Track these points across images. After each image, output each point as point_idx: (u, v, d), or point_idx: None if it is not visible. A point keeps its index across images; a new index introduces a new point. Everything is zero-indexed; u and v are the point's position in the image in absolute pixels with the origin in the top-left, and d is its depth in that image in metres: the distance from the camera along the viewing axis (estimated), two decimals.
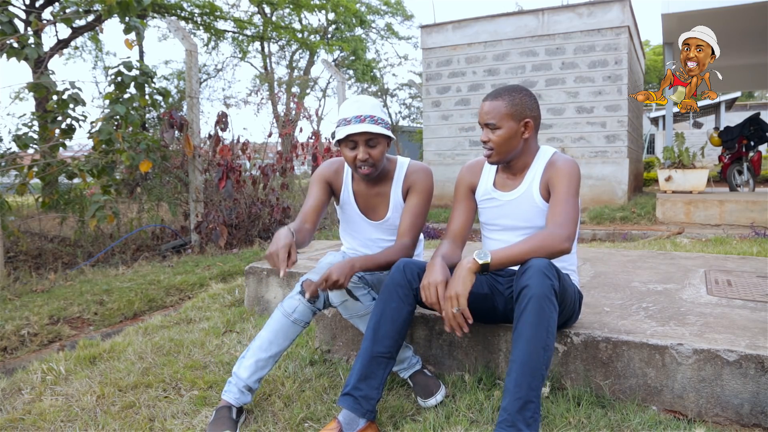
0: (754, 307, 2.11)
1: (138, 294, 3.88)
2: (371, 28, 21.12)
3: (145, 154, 5.05)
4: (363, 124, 1.90)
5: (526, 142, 1.84)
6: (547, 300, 1.53)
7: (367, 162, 1.93)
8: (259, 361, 1.87)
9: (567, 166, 1.80)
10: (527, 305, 1.53)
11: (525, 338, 1.51)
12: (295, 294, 1.90)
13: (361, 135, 1.91)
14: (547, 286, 1.54)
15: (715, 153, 14.26)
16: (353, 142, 1.92)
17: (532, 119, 1.83)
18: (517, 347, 1.52)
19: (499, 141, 1.80)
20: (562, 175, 1.78)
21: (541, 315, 1.52)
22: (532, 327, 1.51)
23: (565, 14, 8.28)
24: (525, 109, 1.81)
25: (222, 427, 1.73)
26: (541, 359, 1.50)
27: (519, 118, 1.80)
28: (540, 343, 1.51)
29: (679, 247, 4.50)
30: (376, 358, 1.71)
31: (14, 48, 4.45)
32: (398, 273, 1.77)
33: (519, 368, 1.49)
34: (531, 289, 1.53)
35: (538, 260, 1.59)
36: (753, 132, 8.23)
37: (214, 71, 19.62)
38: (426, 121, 9.51)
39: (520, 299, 1.56)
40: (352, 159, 1.94)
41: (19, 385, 2.24)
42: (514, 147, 1.82)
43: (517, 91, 1.82)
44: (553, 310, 1.55)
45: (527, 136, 1.83)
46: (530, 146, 1.87)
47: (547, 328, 1.52)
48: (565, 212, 1.71)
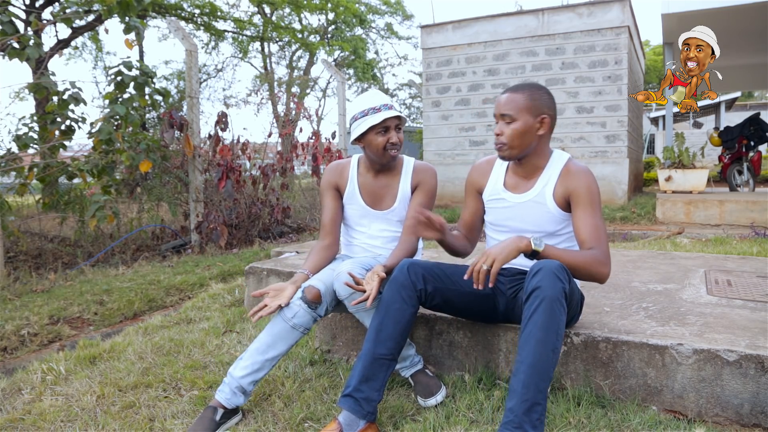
0: (754, 307, 2.11)
1: (138, 294, 3.88)
2: (371, 28, 21.13)
3: (145, 154, 5.05)
4: (393, 110, 2.03)
5: (540, 140, 1.82)
6: (558, 302, 1.53)
7: (396, 145, 2.05)
8: (255, 364, 1.86)
9: (587, 177, 1.80)
10: (538, 307, 1.52)
11: (535, 340, 1.50)
12: (296, 299, 1.90)
13: (394, 119, 2.04)
14: (558, 288, 1.53)
15: (715, 153, 14.26)
16: (385, 128, 2.03)
17: (550, 117, 1.81)
18: (525, 348, 1.51)
19: (513, 135, 1.79)
20: (585, 189, 1.78)
21: (551, 317, 1.51)
22: (542, 329, 1.51)
23: (565, 14, 8.28)
24: (543, 106, 1.80)
25: (199, 428, 1.75)
26: (549, 361, 1.50)
27: (536, 113, 1.79)
28: (549, 345, 1.50)
29: (679, 247, 4.50)
30: (378, 360, 1.70)
31: (15, 48, 4.45)
32: (402, 274, 1.76)
33: (527, 369, 1.48)
34: (543, 291, 1.53)
35: (550, 262, 1.59)
36: (753, 132, 8.23)
37: (214, 71, 19.63)
38: (426, 121, 9.51)
39: (531, 300, 1.55)
40: (383, 144, 2.03)
41: (19, 385, 2.24)
42: (527, 143, 1.80)
43: (538, 88, 1.83)
44: (562, 313, 1.54)
45: (542, 133, 1.81)
46: (543, 146, 1.85)
47: (557, 330, 1.52)
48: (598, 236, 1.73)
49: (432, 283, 1.78)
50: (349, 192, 2.17)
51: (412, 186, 2.13)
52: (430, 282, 1.78)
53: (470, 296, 1.85)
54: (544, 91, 1.82)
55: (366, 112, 2.03)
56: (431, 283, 1.78)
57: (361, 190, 2.17)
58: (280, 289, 1.93)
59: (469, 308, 1.90)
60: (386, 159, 2.07)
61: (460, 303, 1.86)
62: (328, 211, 2.19)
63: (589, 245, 1.71)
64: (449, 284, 1.82)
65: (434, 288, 1.79)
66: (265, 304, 1.88)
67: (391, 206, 2.14)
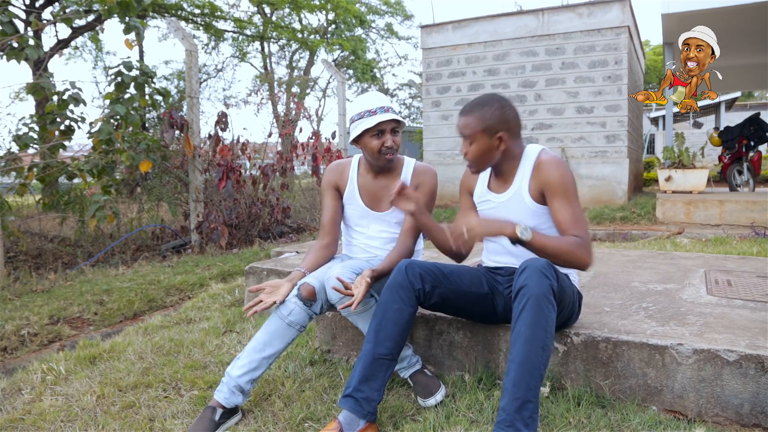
0: (754, 307, 2.11)
1: (138, 294, 3.88)
2: (371, 28, 21.13)
3: (145, 154, 5.05)
4: (389, 113, 2.01)
5: (505, 151, 1.84)
6: (546, 300, 1.53)
7: (391, 149, 2.04)
8: (252, 362, 1.86)
9: (558, 168, 1.79)
10: (526, 305, 1.53)
11: (523, 338, 1.51)
12: (292, 297, 1.91)
13: (389, 123, 2.02)
14: (545, 285, 1.54)
15: (715, 153, 14.26)
16: (380, 131, 2.01)
17: (506, 131, 1.80)
18: (515, 347, 1.52)
19: (475, 154, 1.83)
20: (557, 180, 1.78)
21: (539, 314, 1.52)
22: (530, 326, 1.51)
23: (565, 14, 8.27)
24: (496, 123, 1.79)
25: (199, 428, 1.75)
26: (539, 359, 1.51)
27: (491, 132, 1.79)
28: (539, 342, 1.51)
29: (679, 247, 4.50)
30: (377, 360, 1.71)
31: (14, 49, 4.45)
32: (400, 274, 1.77)
33: (517, 368, 1.49)
34: (530, 289, 1.54)
35: (536, 260, 1.60)
36: (753, 132, 8.23)
37: (214, 71, 19.63)
38: (426, 121, 9.51)
39: (518, 298, 1.56)
40: (378, 147, 2.03)
41: (19, 385, 2.24)
42: (491, 159, 1.84)
43: (489, 105, 1.80)
44: (551, 310, 1.55)
45: (503, 147, 1.82)
46: (512, 152, 1.86)
47: (546, 327, 1.53)
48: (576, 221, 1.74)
49: (430, 283, 1.79)
50: (349, 192, 2.18)
51: (413, 188, 2.13)
52: (428, 282, 1.78)
53: (469, 296, 1.86)
54: (497, 106, 1.80)
55: (362, 114, 2.03)
56: (429, 283, 1.78)
57: (361, 190, 2.17)
58: (276, 285, 1.95)
59: (467, 308, 1.90)
60: (381, 162, 2.07)
61: (459, 303, 1.86)
62: (328, 210, 2.20)
63: (571, 234, 1.74)
64: (447, 284, 1.82)
65: (432, 287, 1.79)
66: (261, 300, 1.89)
67: (390, 208, 2.13)
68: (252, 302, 1.89)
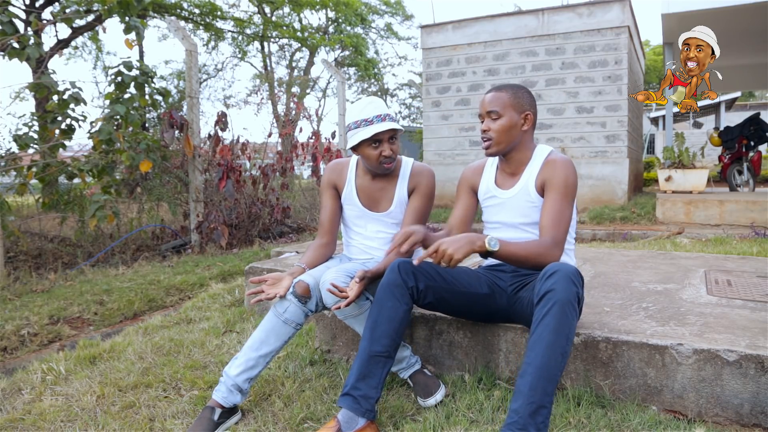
0: (754, 307, 2.11)
1: (138, 294, 3.88)
2: (371, 27, 21.13)
3: (145, 154, 5.05)
4: (385, 122, 2.00)
5: (524, 135, 1.92)
6: (571, 306, 1.53)
7: (390, 158, 2.03)
8: (249, 360, 1.87)
9: (564, 167, 1.85)
10: (550, 309, 1.52)
11: (545, 343, 1.50)
12: (289, 294, 1.91)
13: (386, 132, 2.00)
14: (572, 292, 1.54)
15: (715, 153, 14.27)
16: (378, 141, 2.00)
17: (532, 114, 1.92)
18: (534, 350, 1.51)
19: (499, 130, 1.87)
20: (559, 177, 1.83)
21: (563, 321, 1.51)
22: (553, 332, 1.50)
23: (565, 14, 8.27)
24: (526, 104, 1.91)
25: (198, 428, 1.75)
26: (558, 365, 1.50)
27: (520, 110, 1.89)
28: (559, 348, 1.50)
29: (679, 247, 4.50)
30: (374, 358, 1.71)
31: (15, 48, 4.45)
32: (393, 273, 1.78)
33: (535, 371, 1.48)
34: (556, 294, 1.53)
35: (565, 265, 1.59)
36: (753, 132, 8.23)
37: (214, 71, 19.63)
38: (426, 121, 9.51)
39: (543, 302, 1.55)
40: (376, 156, 2.02)
41: (19, 385, 2.24)
42: (513, 138, 1.89)
43: (519, 87, 1.93)
44: (574, 317, 1.55)
45: (526, 128, 1.91)
46: (527, 142, 1.94)
47: (567, 334, 1.52)
48: (558, 221, 1.78)
49: (424, 281, 1.79)
50: (347, 193, 2.18)
51: (409, 189, 2.13)
52: (422, 280, 1.79)
53: (467, 296, 1.86)
54: (525, 91, 1.93)
55: (358, 123, 2.01)
56: (423, 281, 1.79)
57: (359, 191, 2.17)
58: (278, 278, 1.96)
59: (467, 308, 1.91)
60: (381, 170, 2.07)
61: (455, 302, 1.87)
62: (327, 210, 2.20)
63: (545, 232, 1.78)
64: (442, 283, 1.82)
65: (426, 286, 1.79)
66: (263, 290, 1.92)
67: (388, 209, 2.14)
68: (256, 288, 1.92)
